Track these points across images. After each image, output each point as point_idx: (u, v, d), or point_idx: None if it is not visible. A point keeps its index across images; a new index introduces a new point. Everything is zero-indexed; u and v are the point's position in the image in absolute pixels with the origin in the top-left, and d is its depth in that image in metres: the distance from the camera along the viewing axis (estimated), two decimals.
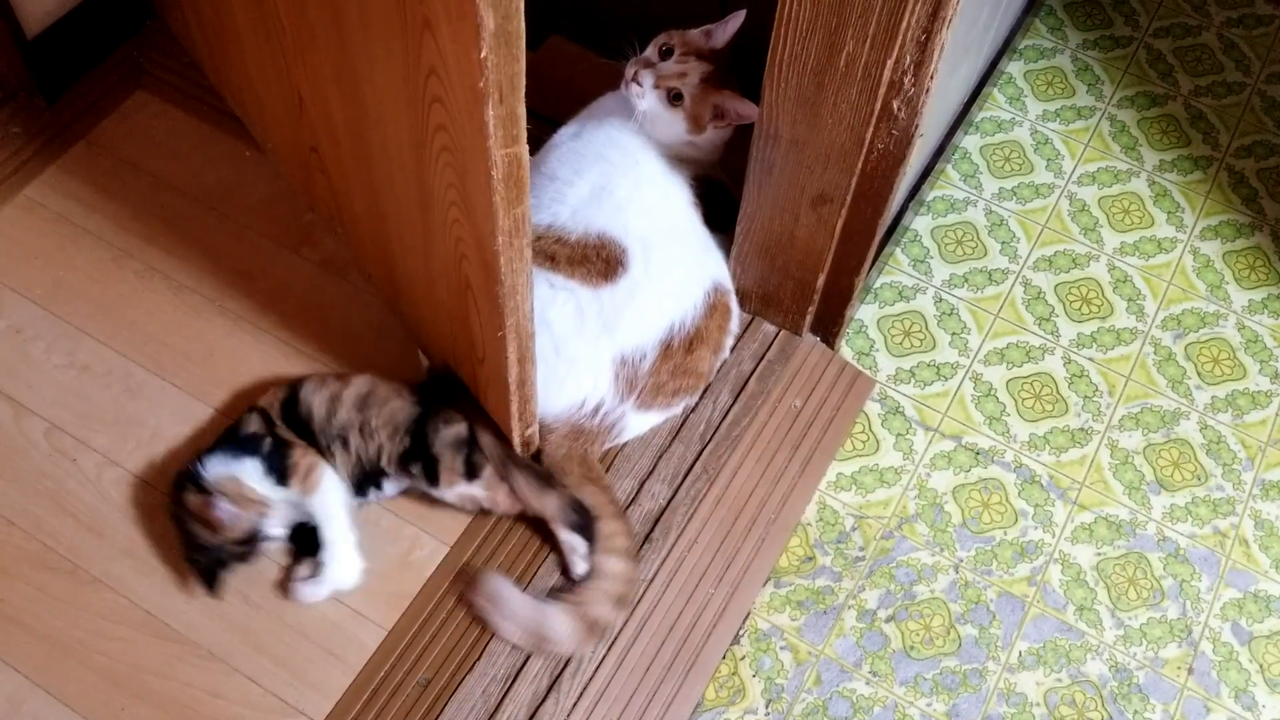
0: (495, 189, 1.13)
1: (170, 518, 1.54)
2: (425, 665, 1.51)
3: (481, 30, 0.96)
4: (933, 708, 1.59)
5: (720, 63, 1.64)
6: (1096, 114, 2.17)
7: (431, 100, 1.14)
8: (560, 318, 1.59)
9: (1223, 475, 1.79)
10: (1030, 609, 1.67)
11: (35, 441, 1.64)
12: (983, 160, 2.10)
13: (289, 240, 1.84)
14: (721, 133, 1.69)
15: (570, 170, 1.66)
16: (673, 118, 1.64)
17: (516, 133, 1.09)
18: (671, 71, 1.62)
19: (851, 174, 1.51)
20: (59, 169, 1.89)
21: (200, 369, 1.72)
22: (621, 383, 1.61)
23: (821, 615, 1.64)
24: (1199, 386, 1.87)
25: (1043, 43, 2.26)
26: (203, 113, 1.96)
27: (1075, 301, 1.95)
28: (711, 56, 1.64)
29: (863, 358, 1.87)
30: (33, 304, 1.76)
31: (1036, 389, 1.86)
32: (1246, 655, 1.65)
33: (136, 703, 1.47)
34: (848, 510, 1.73)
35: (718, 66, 1.64)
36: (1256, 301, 1.96)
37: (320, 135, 1.58)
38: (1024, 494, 1.76)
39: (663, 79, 1.62)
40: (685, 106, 1.63)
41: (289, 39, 1.46)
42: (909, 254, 1.98)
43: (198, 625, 1.52)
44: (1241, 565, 1.72)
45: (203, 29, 1.85)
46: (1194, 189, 2.09)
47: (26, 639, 1.50)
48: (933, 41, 1.33)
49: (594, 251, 1.61)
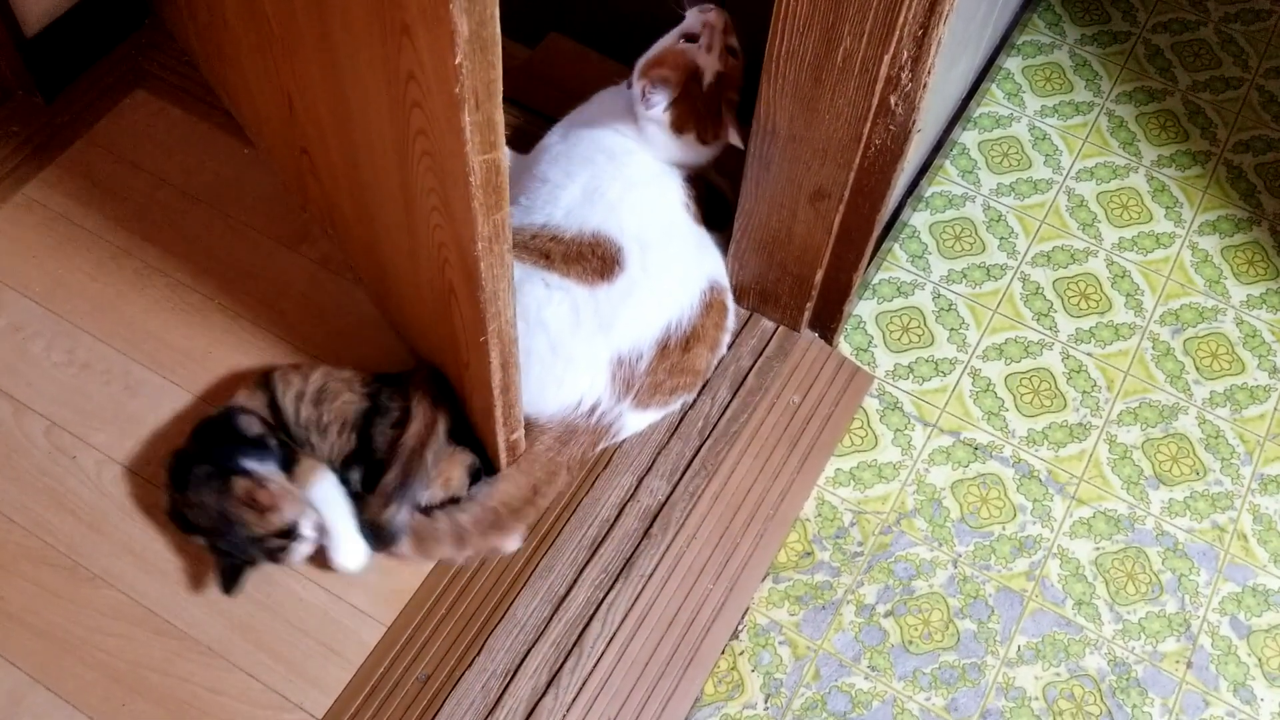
0: (474, 194, 1.13)
1: (172, 515, 1.54)
2: (425, 661, 1.52)
3: (456, 36, 0.97)
4: (931, 702, 1.59)
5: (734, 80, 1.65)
6: (1095, 109, 2.17)
7: (412, 105, 1.14)
8: (556, 317, 1.59)
9: (1221, 470, 1.79)
10: (1029, 603, 1.67)
11: (35, 439, 1.65)
12: (981, 156, 2.10)
13: (287, 238, 1.84)
14: (711, 154, 1.71)
15: (560, 173, 1.66)
16: (673, 139, 1.65)
17: (494, 139, 1.09)
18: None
19: (849, 169, 1.51)
20: (58, 167, 1.89)
21: (199, 366, 1.72)
22: (619, 382, 1.61)
23: (820, 610, 1.65)
24: (1197, 381, 1.87)
25: (1041, 38, 2.26)
26: (201, 111, 1.96)
27: (1074, 297, 1.95)
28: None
29: (861, 353, 1.87)
30: (32, 302, 1.76)
31: (1035, 384, 1.86)
32: (1245, 649, 1.65)
33: (136, 699, 1.47)
34: (846, 506, 1.73)
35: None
36: (1255, 296, 1.96)
37: (310, 137, 1.58)
38: (1022, 489, 1.76)
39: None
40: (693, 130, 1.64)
41: (278, 40, 1.46)
42: (907, 249, 1.98)
43: (198, 621, 1.53)
44: (1240, 559, 1.72)
45: (198, 29, 1.85)
46: (1192, 184, 2.09)
47: (26, 635, 1.51)
48: (930, 37, 1.33)
49: (589, 250, 1.61)
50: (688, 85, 1.62)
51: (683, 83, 1.62)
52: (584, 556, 1.60)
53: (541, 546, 1.60)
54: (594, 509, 1.64)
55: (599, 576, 1.59)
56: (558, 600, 1.57)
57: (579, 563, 1.60)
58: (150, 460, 1.63)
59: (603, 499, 1.65)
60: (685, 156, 1.69)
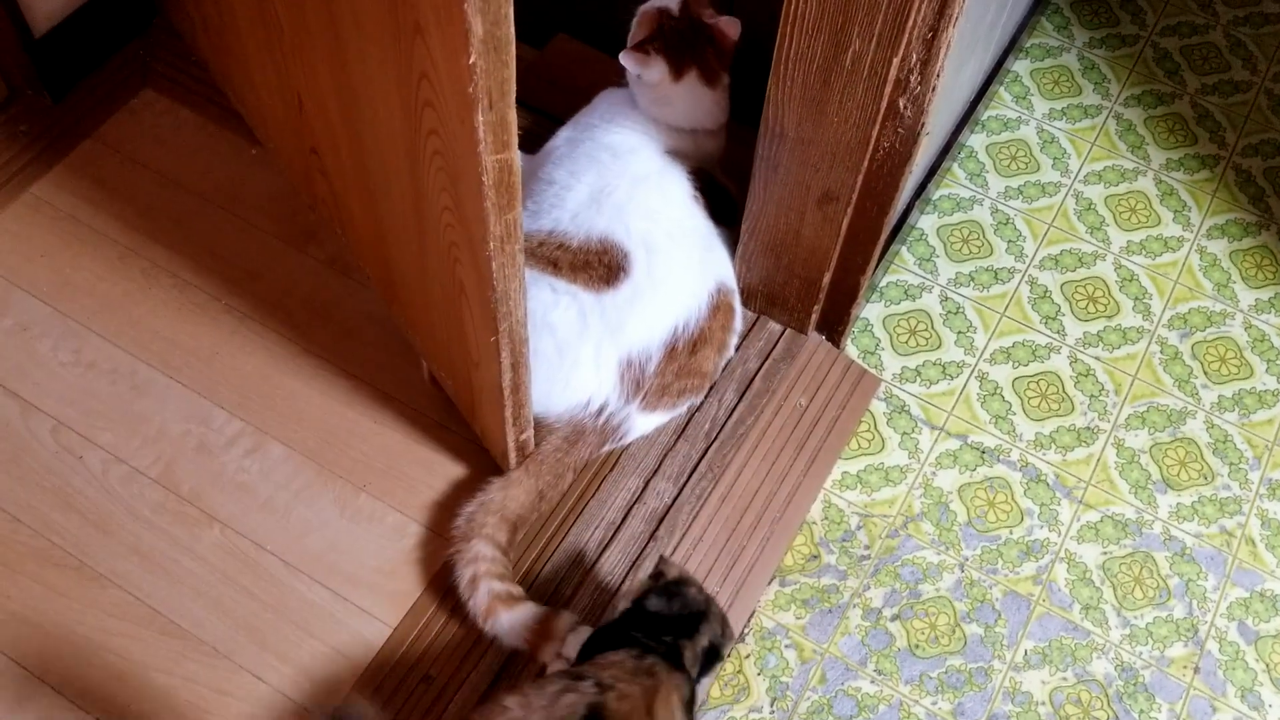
0: (486, 194, 1.13)
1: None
2: (430, 662, 1.52)
3: (470, 36, 0.96)
4: (938, 706, 1.58)
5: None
6: (1103, 112, 2.16)
7: (424, 104, 1.14)
8: (563, 321, 1.59)
9: (1229, 474, 1.78)
10: (1036, 608, 1.66)
11: (42, 439, 1.65)
12: (989, 159, 2.10)
13: (295, 238, 1.84)
14: (720, 112, 1.71)
15: (567, 173, 1.67)
16: (683, 93, 1.67)
17: (507, 138, 1.09)
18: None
19: (857, 172, 1.51)
20: (65, 167, 1.89)
21: (206, 366, 1.72)
22: (627, 384, 1.61)
23: (826, 614, 1.64)
24: (1205, 385, 1.87)
25: (1049, 41, 2.26)
26: (209, 110, 1.96)
27: (1081, 300, 1.95)
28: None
29: (868, 356, 1.87)
30: (39, 301, 1.76)
31: (1042, 388, 1.85)
32: (1253, 654, 1.64)
33: (141, 699, 1.47)
34: (853, 509, 1.73)
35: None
36: (1263, 300, 1.96)
37: (319, 136, 1.58)
38: (1030, 493, 1.76)
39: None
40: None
41: (287, 39, 1.46)
42: (915, 252, 1.98)
43: (203, 622, 1.53)
44: (1248, 564, 1.71)
45: (206, 28, 1.85)
46: (1201, 188, 2.08)
47: (32, 635, 1.51)
48: (939, 40, 1.33)
49: (595, 257, 1.61)
50: (662, 25, 1.66)
51: (655, 26, 1.66)
52: (590, 559, 1.60)
53: (548, 549, 1.60)
54: (600, 512, 1.64)
55: (605, 580, 1.59)
56: (564, 603, 1.57)
57: (585, 566, 1.60)
58: (156, 460, 1.63)
59: (609, 502, 1.65)
60: (697, 114, 1.70)
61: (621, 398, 1.61)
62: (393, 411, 1.70)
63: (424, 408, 1.71)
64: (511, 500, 1.56)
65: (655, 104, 1.69)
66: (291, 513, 1.61)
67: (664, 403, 1.66)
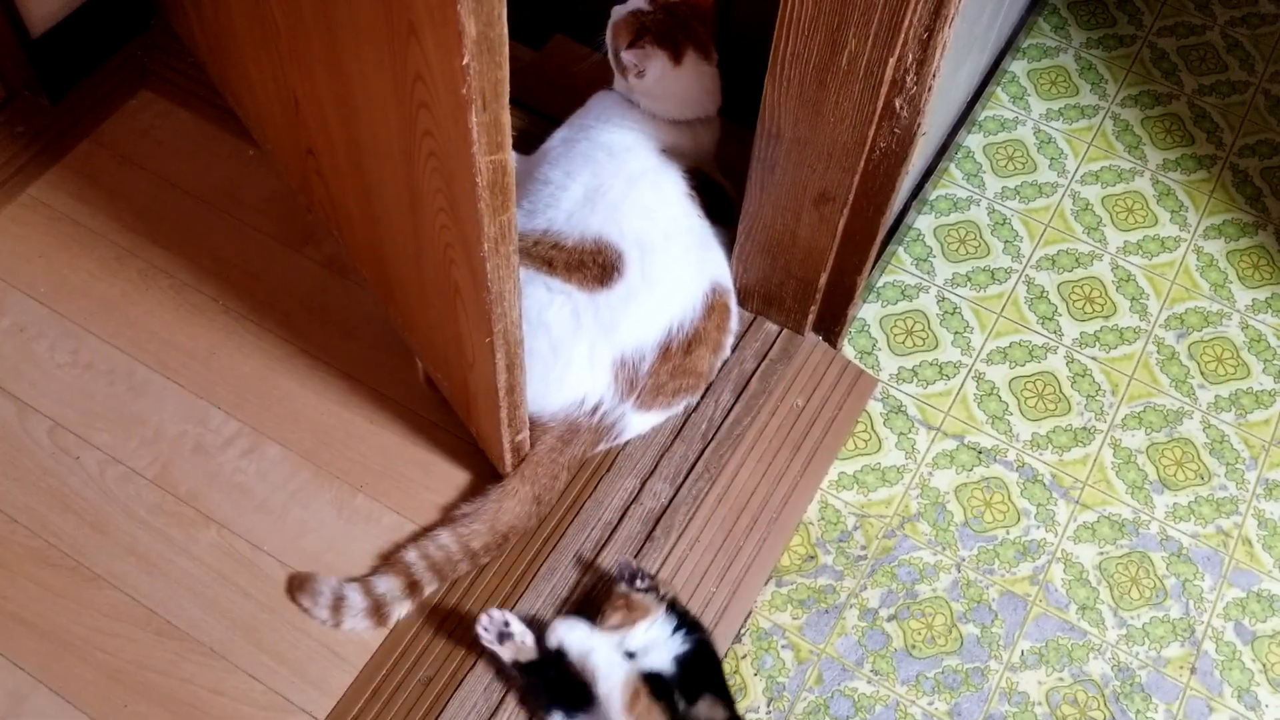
0: (480, 195, 1.13)
1: None
2: (427, 663, 1.52)
3: (464, 37, 0.97)
4: (934, 707, 1.58)
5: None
6: (1100, 113, 2.16)
7: (418, 105, 1.14)
8: (558, 320, 1.59)
9: (1226, 475, 1.79)
10: (1032, 608, 1.67)
11: (38, 439, 1.65)
12: (986, 159, 2.10)
13: (292, 239, 1.84)
14: (718, 94, 1.74)
15: (562, 173, 1.67)
16: (686, 78, 1.69)
17: (501, 140, 1.09)
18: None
19: (854, 173, 1.51)
20: (63, 168, 1.89)
21: (203, 367, 1.72)
22: (621, 383, 1.61)
23: (823, 614, 1.64)
24: (1202, 386, 1.87)
25: (1046, 41, 2.26)
26: (206, 112, 1.96)
27: (1078, 300, 1.95)
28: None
29: (865, 357, 1.87)
30: (36, 302, 1.76)
31: (1039, 388, 1.86)
32: (1249, 655, 1.64)
33: (138, 700, 1.47)
34: (850, 509, 1.73)
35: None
36: (1260, 301, 1.96)
37: (316, 138, 1.58)
38: (1026, 493, 1.76)
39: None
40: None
41: (284, 40, 1.46)
42: (911, 253, 1.98)
43: (200, 623, 1.53)
44: (1244, 565, 1.71)
45: (204, 29, 1.85)
46: (1198, 188, 2.08)
47: (29, 636, 1.51)
48: (935, 40, 1.33)
49: (590, 257, 1.61)
50: (642, 23, 1.68)
51: (635, 26, 1.68)
52: (587, 559, 1.60)
53: (545, 549, 1.60)
54: (597, 512, 1.64)
55: (603, 580, 1.59)
56: (560, 603, 1.57)
57: (583, 565, 1.60)
58: (153, 461, 1.63)
59: (606, 502, 1.65)
60: (701, 98, 1.71)
61: (616, 396, 1.61)
62: (389, 412, 1.70)
63: (420, 409, 1.71)
64: (505, 512, 1.56)
65: (657, 98, 1.69)
66: (288, 513, 1.61)
67: (659, 402, 1.66)
